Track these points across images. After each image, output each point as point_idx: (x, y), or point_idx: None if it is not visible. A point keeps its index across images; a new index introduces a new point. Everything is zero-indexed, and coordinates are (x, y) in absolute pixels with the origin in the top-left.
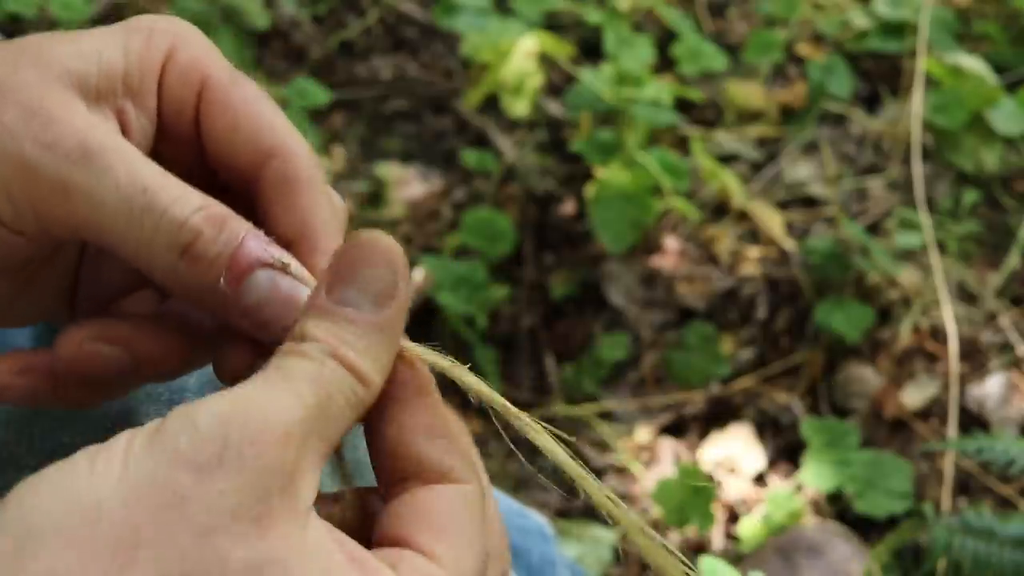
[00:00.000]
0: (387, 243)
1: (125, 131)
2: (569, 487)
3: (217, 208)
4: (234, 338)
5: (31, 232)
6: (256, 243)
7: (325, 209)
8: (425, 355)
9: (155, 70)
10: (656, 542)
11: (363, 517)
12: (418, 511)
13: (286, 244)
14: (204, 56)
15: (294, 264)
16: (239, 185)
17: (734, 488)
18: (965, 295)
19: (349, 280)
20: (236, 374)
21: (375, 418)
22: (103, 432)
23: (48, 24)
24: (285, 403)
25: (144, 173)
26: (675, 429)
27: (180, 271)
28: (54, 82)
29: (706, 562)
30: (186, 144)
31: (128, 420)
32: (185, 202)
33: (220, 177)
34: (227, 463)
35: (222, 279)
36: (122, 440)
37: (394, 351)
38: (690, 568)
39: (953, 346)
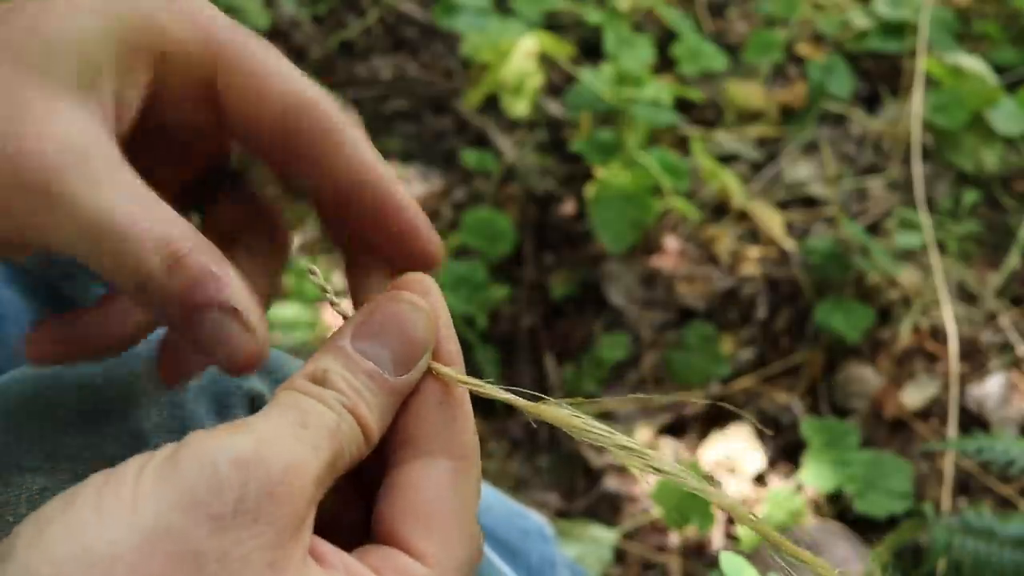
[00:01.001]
0: (424, 310)
1: (114, 105)
2: (568, 488)
3: (177, 244)
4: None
5: None
6: (208, 286)
7: (377, 157)
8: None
9: (154, 28)
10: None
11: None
12: (407, 497)
13: (345, 198)
14: (206, 9)
15: (248, 311)
16: (264, 143)
17: (734, 488)
18: (965, 295)
19: (377, 334)
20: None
21: None
22: (104, 432)
23: None
24: (304, 455)
25: (108, 206)
26: (675, 429)
27: (136, 296)
28: (32, 81)
29: (725, 558)
30: (192, 106)
31: (127, 420)
32: (144, 240)
33: (237, 134)
34: (243, 515)
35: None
36: (130, 472)
37: (395, 410)
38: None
39: (953, 346)
